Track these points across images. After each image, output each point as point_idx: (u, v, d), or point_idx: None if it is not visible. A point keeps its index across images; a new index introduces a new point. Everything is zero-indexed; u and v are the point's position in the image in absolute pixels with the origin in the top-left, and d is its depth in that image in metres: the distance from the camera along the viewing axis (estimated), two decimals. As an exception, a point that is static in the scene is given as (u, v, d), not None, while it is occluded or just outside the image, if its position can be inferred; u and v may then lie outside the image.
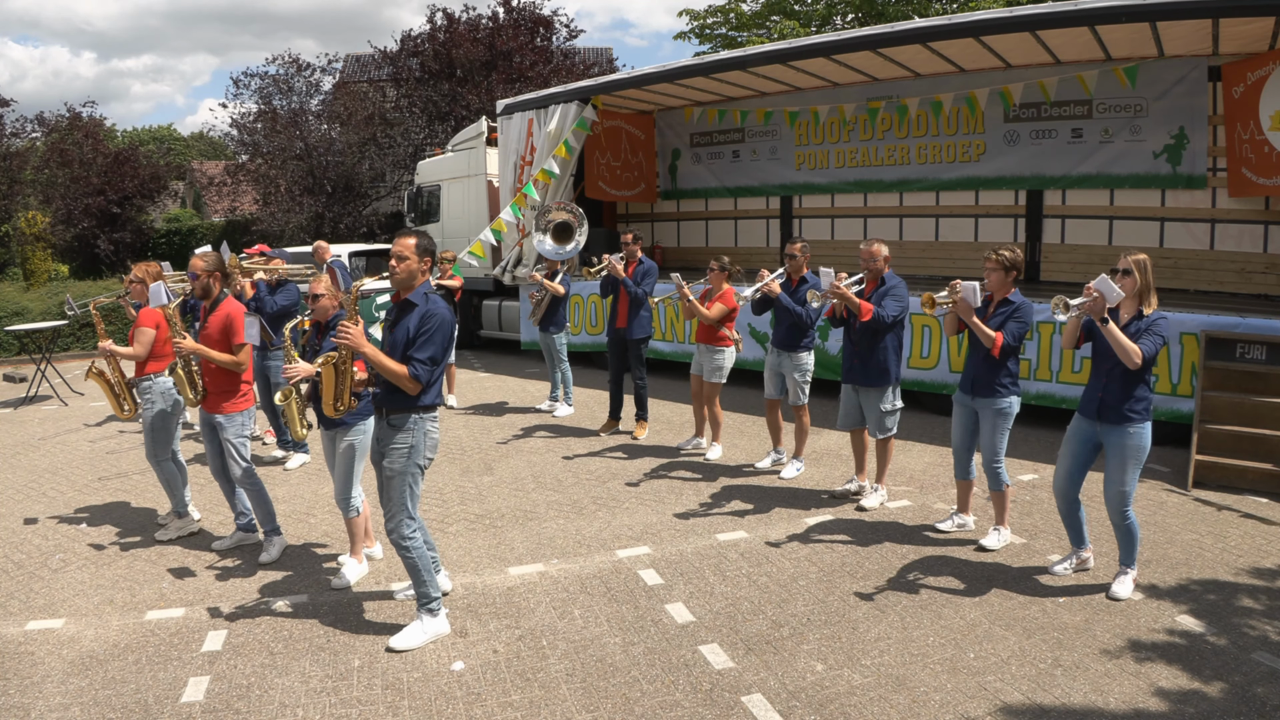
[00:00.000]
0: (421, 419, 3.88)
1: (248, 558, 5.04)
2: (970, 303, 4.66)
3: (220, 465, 5.08)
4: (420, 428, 3.87)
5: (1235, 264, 8.12)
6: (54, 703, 3.54)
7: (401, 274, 3.82)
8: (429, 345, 3.76)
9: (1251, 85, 7.31)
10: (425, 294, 3.88)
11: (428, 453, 3.93)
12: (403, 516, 3.89)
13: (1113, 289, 3.96)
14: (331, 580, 4.65)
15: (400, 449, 3.85)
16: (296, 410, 4.49)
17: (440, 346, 3.80)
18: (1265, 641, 3.83)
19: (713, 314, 6.59)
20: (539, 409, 8.78)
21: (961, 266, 9.41)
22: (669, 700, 3.47)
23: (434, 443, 3.97)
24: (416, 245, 3.83)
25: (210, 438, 5.05)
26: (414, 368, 3.74)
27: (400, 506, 3.89)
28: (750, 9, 21.24)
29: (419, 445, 3.87)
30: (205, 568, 4.92)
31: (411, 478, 3.89)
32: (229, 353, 4.88)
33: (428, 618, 3.99)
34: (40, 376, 10.32)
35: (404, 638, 3.94)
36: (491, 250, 10.81)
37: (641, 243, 7.77)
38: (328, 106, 21.06)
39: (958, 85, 9.46)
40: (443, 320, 3.80)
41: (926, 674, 3.63)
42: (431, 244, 3.94)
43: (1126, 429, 4.15)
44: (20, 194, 20.00)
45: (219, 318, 4.92)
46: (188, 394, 4.99)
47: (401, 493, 3.88)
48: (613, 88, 10.85)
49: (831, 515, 5.58)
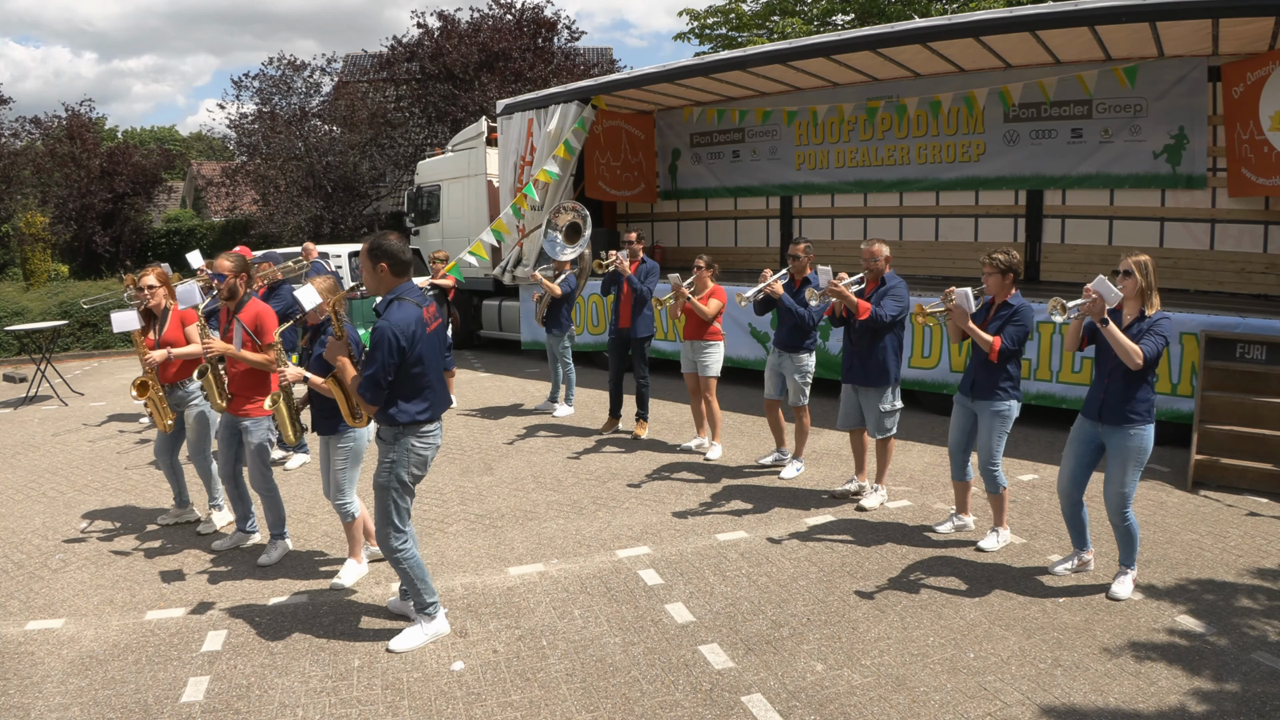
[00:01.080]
0: (404, 435, 3.77)
1: (248, 558, 5.04)
2: (965, 309, 4.65)
3: (231, 469, 5.07)
4: (403, 444, 3.77)
5: (1235, 264, 8.12)
6: (54, 703, 3.54)
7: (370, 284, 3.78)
8: (370, 362, 3.63)
9: (1251, 85, 7.31)
10: (390, 302, 3.75)
11: (413, 469, 3.81)
12: (388, 529, 3.86)
13: (1111, 290, 3.95)
14: (331, 581, 4.65)
15: (384, 463, 3.82)
16: (287, 414, 4.47)
17: (380, 365, 3.59)
18: (1265, 641, 3.83)
19: (711, 310, 6.69)
20: (539, 409, 8.78)
21: (961, 267, 9.41)
22: (669, 700, 3.47)
23: (420, 459, 3.82)
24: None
25: (228, 440, 5.02)
26: (360, 385, 3.68)
27: (385, 519, 3.86)
28: (750, 9, 21.25)
29: (400, 460, 3.78)
30: (205, 568, 4.91)
31: (395, 492, 3.82)
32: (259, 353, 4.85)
33: (426, 621, 3.99)
34: (40, 376, 10.31)
35: (403, 640, 3.94)
36: (491, 250, 10.81)
37: (644, 242, 7.79)
38: (328, 107, 21.05)
39: (957, 85, 9.46)
40: (382, 334, 3.59)
41: (926, 674, 3.63)
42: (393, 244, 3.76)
43: (1128, 430, 4.15)
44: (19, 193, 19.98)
45: (247, 318, 4.89)
46: (216, 399, 4.96)
47: (385, 505, 3.84)
48: (613, 88, 10.85)
49: (831, 515, 5.58)
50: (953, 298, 4.65)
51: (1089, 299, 3.99)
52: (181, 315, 5.27)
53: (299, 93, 20.76)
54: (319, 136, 20.43)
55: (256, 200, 21.52)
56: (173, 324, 5.26)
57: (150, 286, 5.26)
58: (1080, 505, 4.48)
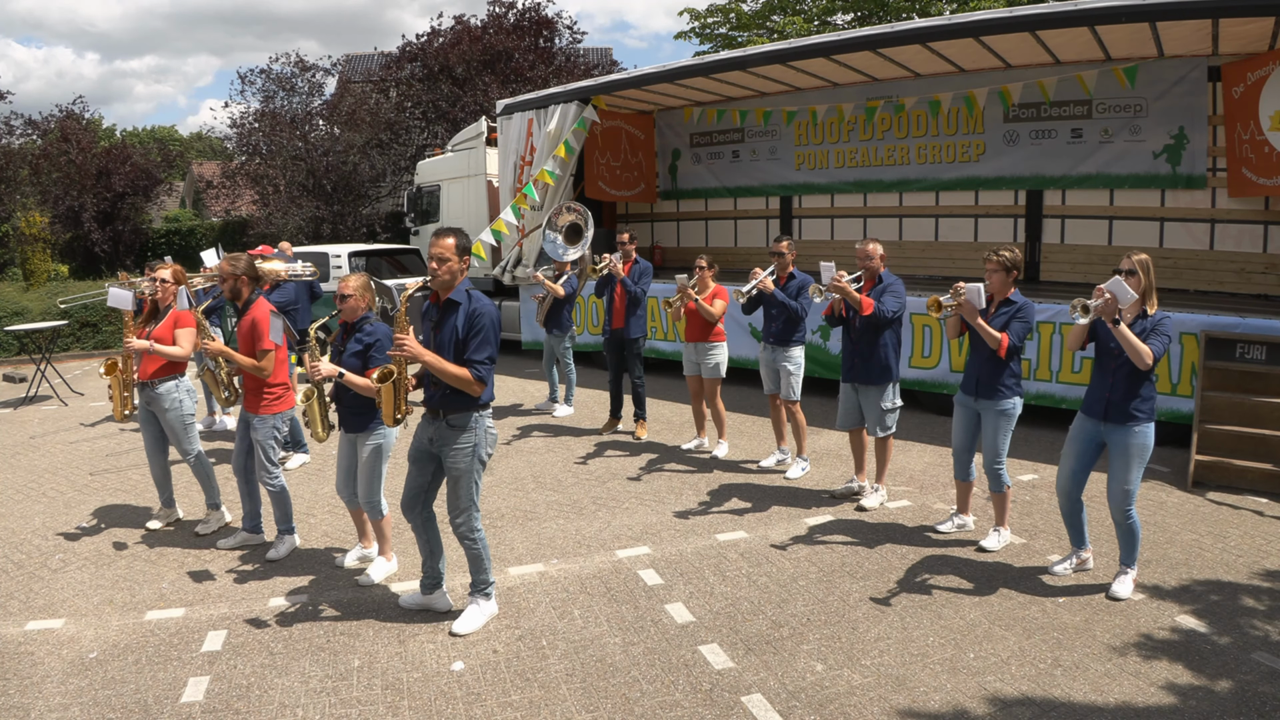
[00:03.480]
0: (481, 417, 3.94)
1: (248, 558, 5.04)
2: (974, 305, 4.67)
3: (243, 463, 5.10)
4: (481, 425, 3.94)
5: (1235, 264, 8.11)
6: (54, 703, 3.54)
7: (444, 275, 3.82)
8: (485, 345, 3.81)
9: (1251, 85, 7.31)
10: (468, 291, 3.89)
11: (488, 448, 3.99)
12: (471, 510, 3.99)
13: (1126, 291, 3.95)
14: (357, 579, 4.66)
15: (464, 448, 3.91)
16: (318, 411, 4.49)
17: (494, 343, 3.85)
18: (1266, 641, 3.83)
19: (718, 311, 6.71)
20: (538, 409, 8.78)
21: (961, 266, 9.40)
22: (669, 700, 3.47)
23: (493, 438, 4.02)
24: (456, 245, 3.83)
25: (243, 434, 5.07)
26: (475, 370, 3.78)
27: (469, 501, 3.98)
28: (750, 8, 21.25)
29: (481, 442, 3.95)
30: (206, 568, 4.91)
31: (477, 474, 3.98)
32: (252, 357, 4.89)
33: (484, 601, 4.14)
34: (40, 376, 10.31)
35: (466, 621, 4.07)
36: (491, 250, 10.81)
37: (637, 242, 7.81)
38: (330, 107, 21.04)
39: (957, 85, 9.46)
40: (492, 317, 3.85)
41: (926, 674, 3.63)
42: (468, 241, 3.94)
43: (1132, 428, 4.17)
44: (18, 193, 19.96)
45: (249, 320, 4.94)
46: (219, 394, 5.04)
47: (469, 489, 3.97)
48: (613, 88, 10.85)
49: (831, 515, 5.58)
50: (962, 292, 4.67)
51: (1102, 299, 3.99)
52: (177, 315, 5.31)
53: (301, 92, 20.76)
54: (319, 136, 20.42)
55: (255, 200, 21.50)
56: (167, 322, 5.29)
57: (163, 281, 5.33)
58: (1080, 504, 4.48)
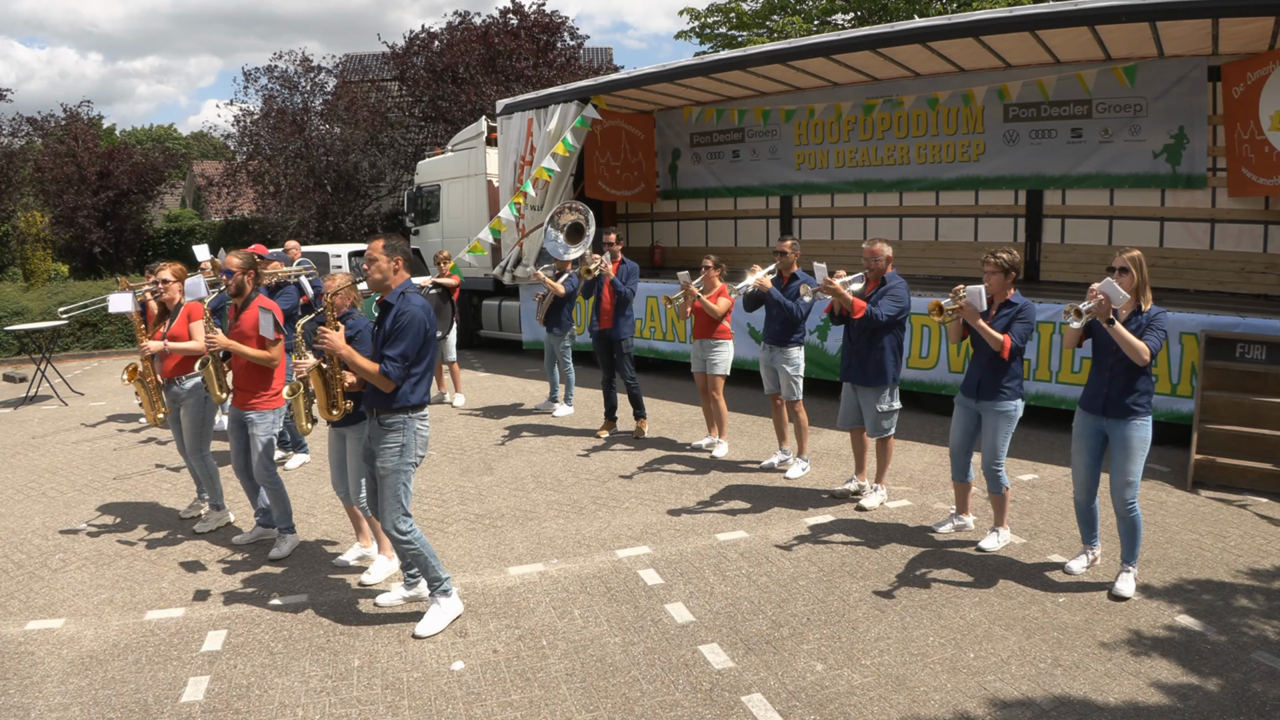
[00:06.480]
0: (411, 419, 3.97)
1: (249, 558, 5.04)
2: (976, 307, 4.67)
3: (244, 463, 5.11)
4: (410, 427, 3.97)
5: (1235, 264, 8.12)
6: (54, 703, 3.54)
7: (374, 274, 3.94)
8: (399, 342, 3.85)
9: (1251, 85, 7.31)
10: (402, 293, 3.96)
11: (418, 450, 4.02)
12: (398, 513, 3.98)
13: (1119, 292, 3.98)
14: (362, 577, 4.67)
15: (391, 448, 3.95)
16: (303, 405, 4.51)
17: (411, 343, 3.86)
18: (1265, 641, 3.83)
19: (721, 308, 6.72)
20: (538, 409, 8.78)
21: (961, 266, 9.40)
22: (669, 700, 3.47)
23: (424, 440, 4.05)
24: (384, 246, 3.95)
25: (237, 434, 5.07)
26: (385, 365, 3.84)
27: (394, 503, 3.98)
28: (750, 8, 21.25)
29: (409, 444, 3.97)
30: (205, 568, 4.92)
31: (405, 475, 3.99)
32: (262, 349, 4.90)
33: (443, 599, 4.11)
34: (40, 376, 10.31)
35: (427, 624, 4.04)
36: (491, 250, 10.80)
37: (624, 243, 7.87)
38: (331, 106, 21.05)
39: (957, 85, 9.46)
40: (413, 317, 3.87)
41: (926, 674, 3.63)
42: (401, 244, 4.02)
43: (1132, 421, 4.20)
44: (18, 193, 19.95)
45: (251, 314, 4.95)
46: (215, 391, 5.03)
47: (395, 490, 3.98)
48: (613, 88, 10.85)
49: (831, 515, 5.58)
50: (963, 295, 4.67)
51: (1095, 300, 4.01)
52: (189, 310, 5.31)
53: (303, 91, 20.76)
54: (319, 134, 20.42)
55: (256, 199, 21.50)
56: (180, 319, 5.31)
57: (165, 281, 5.35)
58: (1095, 499, 4.53)
